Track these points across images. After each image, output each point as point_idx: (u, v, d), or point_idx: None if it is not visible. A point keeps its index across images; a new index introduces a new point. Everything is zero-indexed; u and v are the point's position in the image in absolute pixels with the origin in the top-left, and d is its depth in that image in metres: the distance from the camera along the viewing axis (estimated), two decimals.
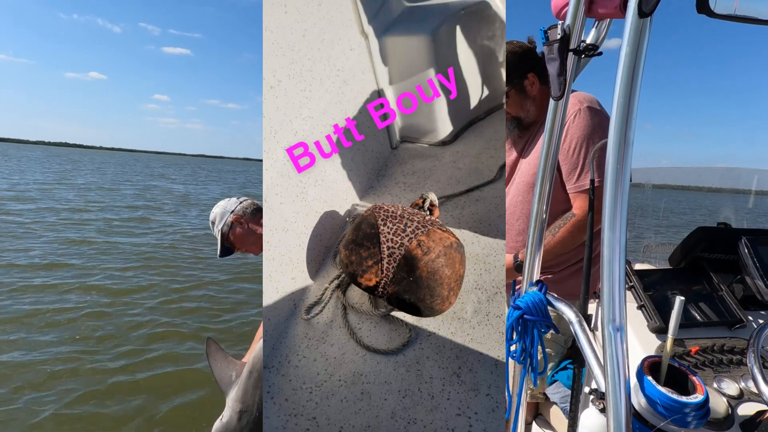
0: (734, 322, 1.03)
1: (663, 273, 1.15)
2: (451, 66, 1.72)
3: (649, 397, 0.69)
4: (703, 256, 1.17)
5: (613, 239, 0.64)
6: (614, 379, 0.64)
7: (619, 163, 0.63)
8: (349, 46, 1.61)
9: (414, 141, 1.88)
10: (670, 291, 1.09)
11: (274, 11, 1.32)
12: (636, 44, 0.61)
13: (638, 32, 0.61)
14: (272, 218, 1.31)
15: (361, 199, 1.68)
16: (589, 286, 0.97)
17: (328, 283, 1.44)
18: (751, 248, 1.09)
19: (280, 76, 1.35)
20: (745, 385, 0.87)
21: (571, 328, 0.85)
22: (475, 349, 1.20)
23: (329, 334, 1.31)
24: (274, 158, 1.34)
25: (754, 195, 1.32)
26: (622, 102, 0.62)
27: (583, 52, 0.88)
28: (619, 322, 0.65)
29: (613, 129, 0.63)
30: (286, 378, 1.22)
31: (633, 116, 0.63)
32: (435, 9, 1.77)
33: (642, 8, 0.59)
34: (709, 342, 0.98)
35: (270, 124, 1.32)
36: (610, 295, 0.65)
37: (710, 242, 1.16)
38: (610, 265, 0.64)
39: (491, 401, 1.09)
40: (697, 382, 0.71)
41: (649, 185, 1.27)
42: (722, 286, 1.11)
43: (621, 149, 0.63)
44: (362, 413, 1.12)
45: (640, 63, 0.61)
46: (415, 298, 1.19)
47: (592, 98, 1.43)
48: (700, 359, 0.93)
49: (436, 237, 1.21)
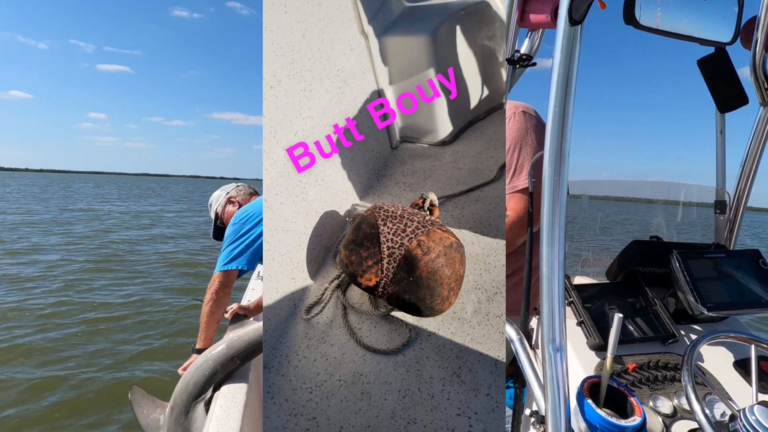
0: (668, 337, 1.06)
1: (601, 287, 1.18)
2: (451, 66, 1.72)
3: (589, 422, 0.70)
4: (638, 270, 1.19)
5: (551, 255, 0.64)
6: (554, 402, 0.65)
7: (555, 176, 0.63)
8: (349, 46, 1.61)
9: (414, 141, 1.88)
10: (608, 306, 1.11)
11: (274, 11, 1.32)
12: (569, 52, 0.61)
13: (570, 40, 0.61)
14: (272, 218, 1.31)
15: (361, 199, 1.68)
16: (529, 302, 0.98)
17: (328, 283, 1.44)
18: (681, 262, 1.10)
19: (280, 76, 1.35)
20: (678, 402, 0.89)
21: (512, 347, 0.86)
22: (475, 349, 1.20)
23: (329, 334, 1.31)
24: (274, 158, 1.34)
25: (681, 207, 1.36)
26: (557, 111, 0.62)
27: (518, 62, 0.89)
28: (559, 342, 0.66)
29: (549, 139, 0.63)
30: (286, 378, 1.22)
31: (569, 126, 0.63)
32: (435, 9, 1.77)
33: (572, 16, 0.60)
34: (645, 358, 1.00)
35: (270, 124, 1.32)
36: (549, 314, 0.66)
37: (644, 256, 1.19)
38: (550, 283, 0.65)
39: (491, 401, 1.09)
40: (635, 403, 0.73)
41: (586, 197, 1.30)
42: (656, 300, 1.14)
43: (557, 161, 0.63)
44: (362, 413, 1.12)
45: (573, 71, 0.62)
46: (415, 298, 1.19)
47: (528, 106, 1.46)
48: (637, 377, 0.95)
49: (436, 237, 1.21)
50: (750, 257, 1.15)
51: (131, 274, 7.09)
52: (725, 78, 1.16)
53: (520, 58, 0.87)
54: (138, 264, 7.95)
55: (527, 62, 0.89)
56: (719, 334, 0.93)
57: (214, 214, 1.99)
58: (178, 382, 1.58)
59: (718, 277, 1.11)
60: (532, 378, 0.78)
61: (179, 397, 1.49)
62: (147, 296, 5.86)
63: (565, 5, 0.60)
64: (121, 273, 7.16)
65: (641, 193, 1.37)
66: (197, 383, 1.50)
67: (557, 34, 0.62)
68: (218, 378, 1.53)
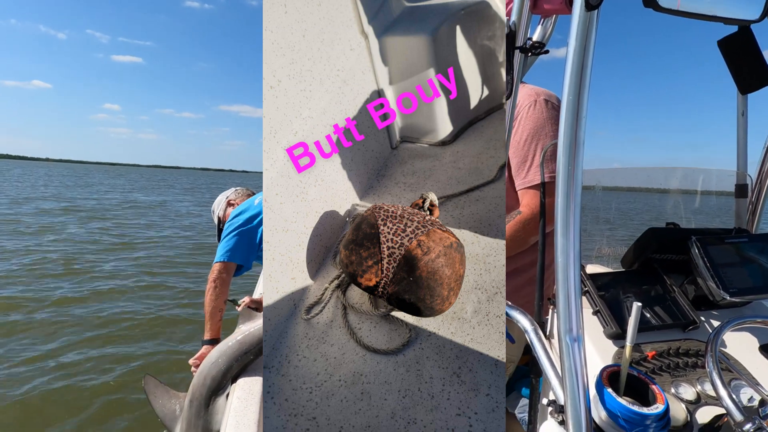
0: (688, 323, 1.03)
1: (616, 276, 1.14)
2: (451, 66, 1.72)
3: (610, 411, 0.68)
4: (655, 257, 1.15)
5: (567, 246, 0.62)
6: (573, 392, 0.63)
7: (570, 165, 0.61)
8: (349, 46, 1.61)
9: (414, 141, 1.88)
10: (624, 294, 1.08)
11: (274, 11, 1.32)
12: (584, 39, 0.58)
13: (585, 26, 0.58)
14: (272, 218, 1.31)
15: (361, 199, 1.68)
16: (543, 293, 0.96)
17: (328, 283, 1.44)
18: (701, 248, 1.06)
19: (280, 76, 1.35)
20: (701, 389, 0.87)
21: (527, 337, 0.84)
22: (475, 349, 1.20)
23: (329, 334, 1.31)
24: (274, 158, 1.34)
25: (699, 195, 1.32)
26: (572, 99, 0.60)
27: (530, 50, 0.86)
28: (576, 332, 0.64)
29: (563, 128, 0.61)
30: (286, 378, 1.22)
31: (583, 114, 0.60)
32: (435, 9, 1.77)
33: (589, 0, 0.57)
34: (665, 345, 0.97)
35: (270, 124, 1.32)
36: (566, 304, 0.64)
37: (661, 243, 1.14)
38: (565, 273, 0.63)
39: (491, 401, 1.09)
40: (657, 390, 0.71)
41: (599, 187, 1.27)
42: (674, 287, 1.10)
43: (572, 150, 0.60)
44: (362, 413, 1.12)
45: (589, 59, 0.59)
46: (415, 298, 1.19)
47: (551, 93, 1.38)
48: (657, 364, 0.92)
49: (436, 237, 1.21)
50: None
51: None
52: (749, 57, 1.11)
53: (533, 46, 0.85)
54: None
55: (540, 50, 0.86)
56: (745, 319, 0.90)
57: (216, 219, 2.09)
58: (194, 377, 1.65)
59: (741, 262, 1.07)
60: (549, 369, 0.76)
61: (198, 391, 1.58)
62: None
63: None
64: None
65: (656, 183, 1.33)
66: (215, 378, 1.58)
67: (572, 19, 0.59)
68: (234, 372, 1.60)
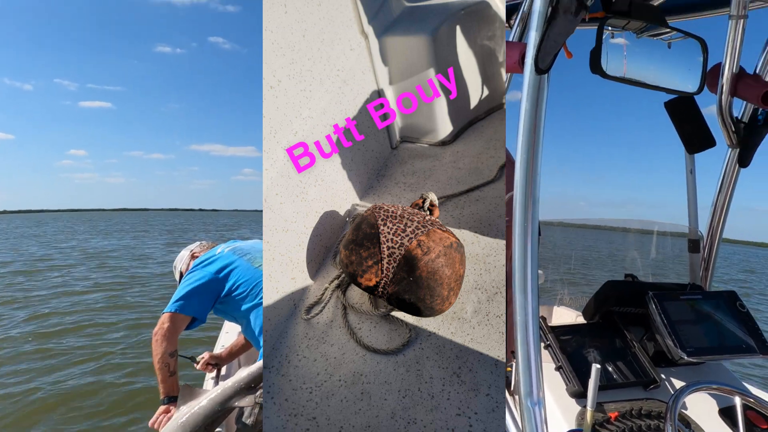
0: (649, 382, 1.05)
1: (578, 329, 1.17)
2: (451, 66, 1.72)
3: None
4: (615, 310, 1.19)
5: (525, 303, 0.63)
6: None
7: (525, 222, 0.62)
8: (349, 46, 1.61)
9: (414, 141, 1.88)
10: (587, 349, 1.10)
11: (274, 11, 1.32)
12: (535, 100, 0.60)
13: (536, 88, 0.60)
14: (272, 218, 1.31)
15: (361, 199, 1.68)
16: (509, 345, 0.97)
17: (328, 283, 1.44)
18: (658, 304, 1.10)
19: (280, 76, 1.35)
20: None
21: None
22: (475, 349, 1.20)
23: (329, 334, 1.31)
24: (274, 158, 1.34)
25: (654, 246, 1.39)
26: (525, 158, 0.61)
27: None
28: (536, 396, 0.64)
29: (518, 186, 0.62)
30: (286, 378, 1.22)
31: (537, 171, 0.61)
32: (435, 9, 1.77)
33: (539, 65, 0.59)
34: (628, 405, 0.99)
35: (270, 124, 1.32)
36: (526, 366, 0.64)
37: (620, 296, 1.19)
38: (524, 332, 0.63)
39: (491, 401, 1.09)
40: None
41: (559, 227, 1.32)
42: (635, 342, 1.14)
43: (527, 208, 0.62)
44: (362, 413, 1.12)
45: (541, 118, 0.61)
46: (415, 298, 1.19)
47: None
48: (620, 426, 0.93)
49: (436, 237, 1.21)
50: (727, 299, 1.15)
51: None
52: (692, 122, 1.17)
53: None
54: None
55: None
56: (702, 385, 0.91)
57: (178, 274, 1.83)
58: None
59: (696, 319, 1.10)
60: (512, 428, 0.78)
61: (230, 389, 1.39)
62: None
63: (531, 54, 0.59)
64: None
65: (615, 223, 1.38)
66: None
67: (524, 82, 0.61)
68: None
